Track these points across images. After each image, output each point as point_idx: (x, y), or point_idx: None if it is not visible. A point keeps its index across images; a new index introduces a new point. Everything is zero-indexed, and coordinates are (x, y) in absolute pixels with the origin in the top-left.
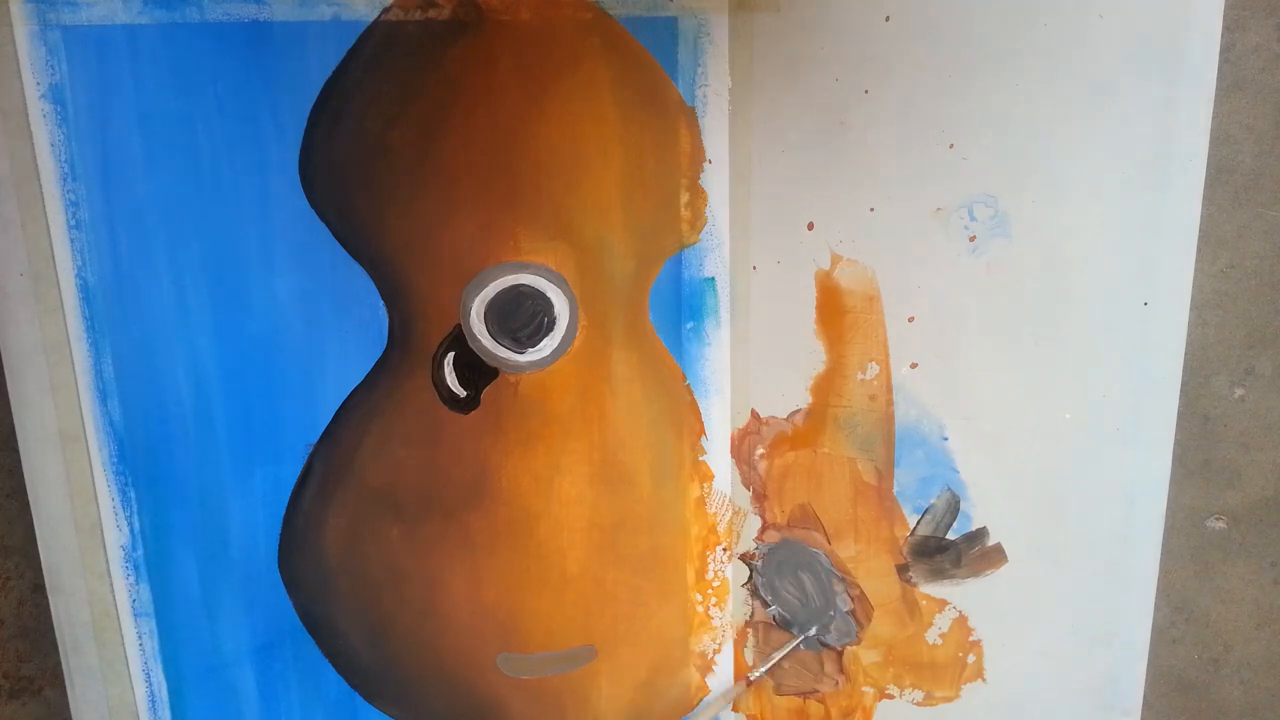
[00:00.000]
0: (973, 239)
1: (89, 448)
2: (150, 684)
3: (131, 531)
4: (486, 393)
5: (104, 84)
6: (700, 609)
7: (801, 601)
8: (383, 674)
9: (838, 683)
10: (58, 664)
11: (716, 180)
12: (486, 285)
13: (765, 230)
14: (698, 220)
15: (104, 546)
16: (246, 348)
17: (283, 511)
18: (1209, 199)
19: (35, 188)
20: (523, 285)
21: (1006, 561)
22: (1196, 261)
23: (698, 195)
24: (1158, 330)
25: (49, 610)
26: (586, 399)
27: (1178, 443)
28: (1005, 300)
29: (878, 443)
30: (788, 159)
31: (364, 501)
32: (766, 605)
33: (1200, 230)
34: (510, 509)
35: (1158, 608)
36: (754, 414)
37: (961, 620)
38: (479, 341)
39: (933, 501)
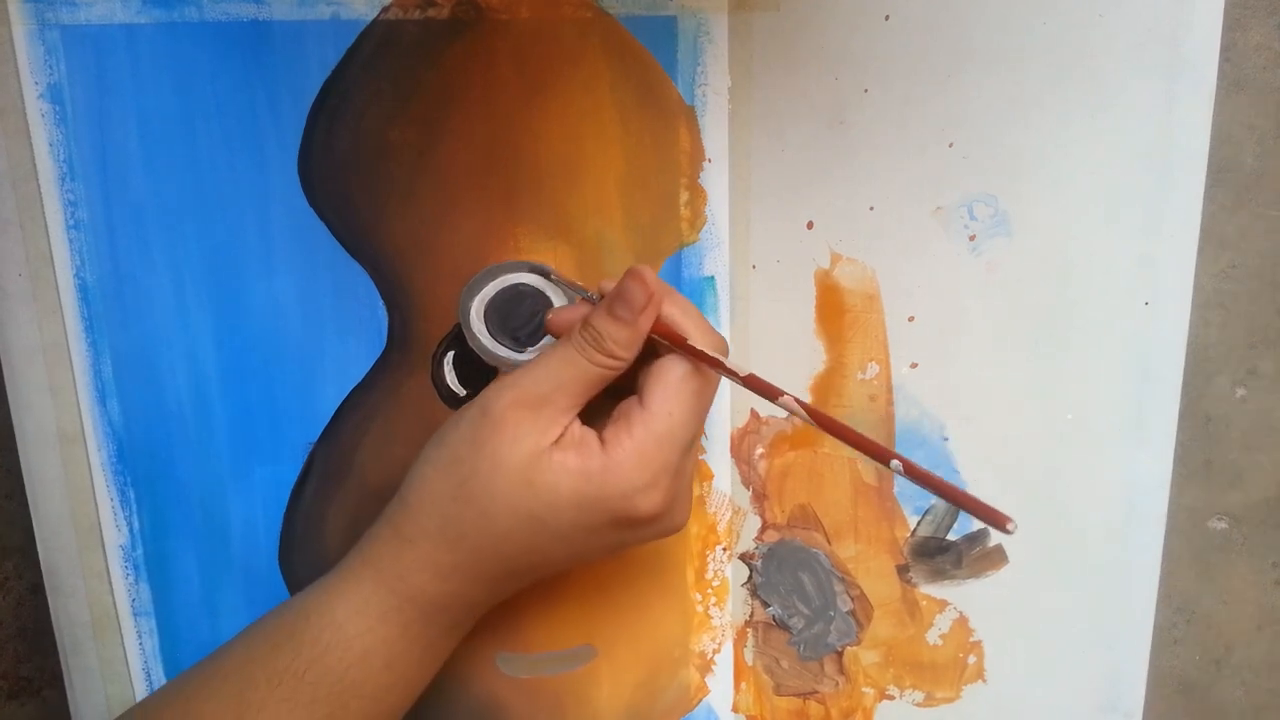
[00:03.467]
0: (973, 238)
1: (89, 448)
2: (150, 683)
3: (131, 531)
4: None
5: (103, 83)
6: (700, 609)
7: (801, 601)
8: None
9: (838, 683)
10: (57, 664)
11: (716, 179)
12: (486, 284)
13: (765, 229)
14: (697, 219)
15: (103, 546)
16: (246, 347)
17: (283, 510)
18: (1210, 199)
19: (34, 188)
20: (522, 285)
21: (1007, 562)
22: (1197, 261)
23: (697, 194)
24: (1159, 330)
25: (48, 610)
26: None
27: (1179, 443)
28: (1005, 300)
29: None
30: (787, 158)
31: (364, 500)
32: (766, 605)
33: (1201, 230)
34: None
35: (1159, 608)
36: (753, 413)
37: (962, 621)
38: (478, 341)
39: (933, 502)
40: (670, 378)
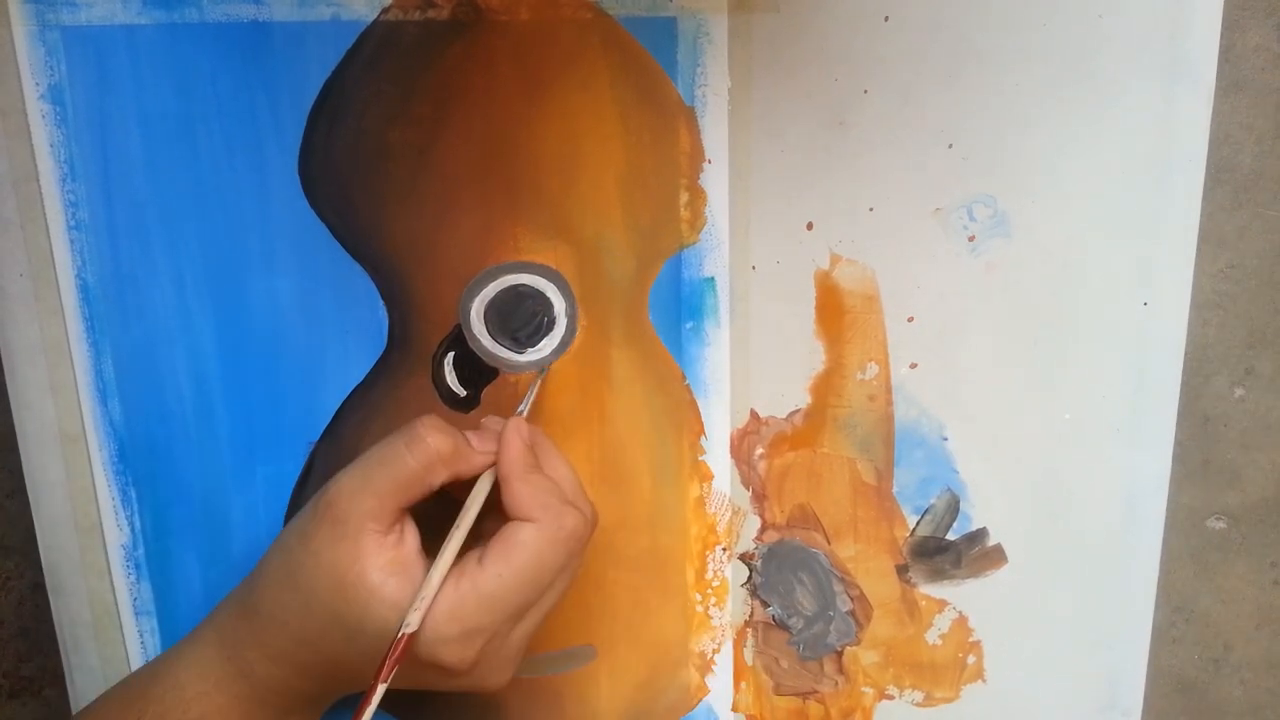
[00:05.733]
0: (972, 239)
1: (89, 448)
2: None
3: (132, 530)
4: (486, 392)
5: (103, 84)
6: (700, 609)
7: (801, 601)
8: None
9: (837, 683)
10: (58, 664)
11: (716, 180)
12: (486, 285)
13: (765, 230)
14: (697, 220)
15: (105, 545)
16: (247, 347)
17: (285, 509)
18: (1209, 199)
19: (34, 188)
20: (522, 285)
21: (1006, 562)
22: (1196, 261)
23: (697, 195)
24: (1158, 330)
25: (49, 610)
26: (586, 399)
27: (1178, 443)
28: (1005, 300)
29: (877, 443)
30: (787, 159)
31: None
32: (766, 605)
33: (1200, 230)
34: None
35: (1158, 608)
36: (753, 414)
37: (961, 621)
38: (478, 341)
39: (932, 502)
40: (512, 540)
